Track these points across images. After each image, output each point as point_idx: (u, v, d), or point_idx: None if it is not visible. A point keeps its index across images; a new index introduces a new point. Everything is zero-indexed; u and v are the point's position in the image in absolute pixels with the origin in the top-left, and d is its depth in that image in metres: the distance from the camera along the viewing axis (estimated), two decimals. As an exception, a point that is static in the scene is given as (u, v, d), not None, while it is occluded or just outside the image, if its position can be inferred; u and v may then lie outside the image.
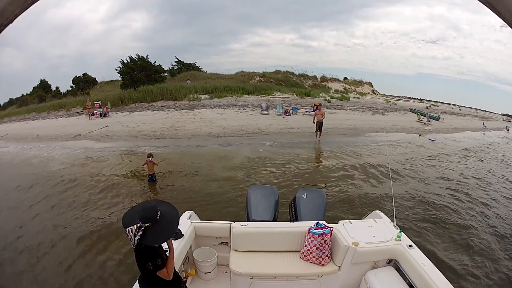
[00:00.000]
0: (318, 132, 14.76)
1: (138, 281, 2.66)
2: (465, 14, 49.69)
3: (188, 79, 29.54)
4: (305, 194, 4.57)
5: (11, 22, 1.16)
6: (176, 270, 2.93)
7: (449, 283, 2.87)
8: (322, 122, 14.64)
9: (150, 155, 8.86)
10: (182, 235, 3.69)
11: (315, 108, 21.70)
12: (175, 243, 3.51)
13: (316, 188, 8.33)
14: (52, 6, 32.36)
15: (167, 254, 2.81)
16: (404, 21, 48.52)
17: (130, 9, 48.53)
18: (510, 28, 1.18)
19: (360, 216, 5.02)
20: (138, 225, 2.29)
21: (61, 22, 37.84)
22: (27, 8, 1.22)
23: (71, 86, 31.88)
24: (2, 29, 1.16)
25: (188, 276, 3.78)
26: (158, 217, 2.35)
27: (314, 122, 14.86)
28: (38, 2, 1.23)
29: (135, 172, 10.07)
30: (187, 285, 3.34)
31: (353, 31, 49.63)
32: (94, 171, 10.41)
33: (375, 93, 39.22)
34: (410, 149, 14.78)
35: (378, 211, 4.34)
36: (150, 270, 2.40)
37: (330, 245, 3.59)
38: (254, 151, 12.57)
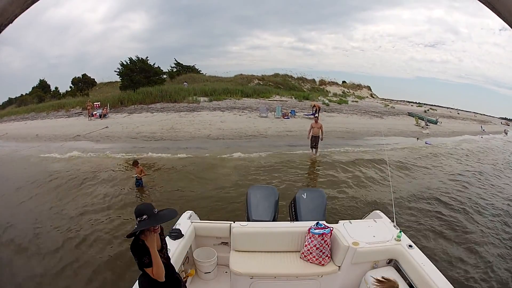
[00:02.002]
0: (314, 149, 12.30)
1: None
2: (464, 17, 50.14)
3: (185, 82, 29.58)
4: (305, 194, 4.57)
5: (11, 22, 1.17)
6: (176, 270, 2.92)
7: (449, 283, 2.87)
8: (319, 136, 11.96)
9: (135, 162, 8.82)
10: (182, 235, 3.68)
11: (314, 110, 21.80)
12: (175, 243, 3.51)
13: (316, 188, 8.36)
14: (51, 6, 32.37)
15: (169, 255, 2.82)
16: (403, 24, 48.75)
17: (129, 9, 48.62)
18: (510, 29, 1.19)
19: (360, 216, 5.03)
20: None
21: (60, 21, 37.81)
22: (27, 8, 1.22)
23: (70, 87, 31.92)
24: (2, 29, 1.16)
25: (188, 276, 3.77)
26: (155, 212, 2.39)
27: (308, 138, 12.15)
28: (38, 1, 1.24)
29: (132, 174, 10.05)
30: (187, 285, 3.33)
31: (351, 35, 49.83)
32: (92, 172, 10.40)
33: (373, 97, 39.38)
34: (408, 152, 14.82)
35: (378, 211, 4.34)
36: (138, 264, 2.41)
37: (330, 245, 3.59)
38: (253, 153, 12.57)
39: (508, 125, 35.39)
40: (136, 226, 2.35)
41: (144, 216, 2.33)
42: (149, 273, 2.41)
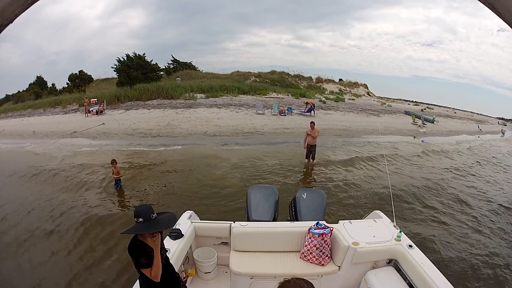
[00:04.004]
0: (311, 159, 10.92)
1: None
2: (462, 17, 50.34)
3: (178, 77, 29.44)
4: (305, 194, 4.57)
5: (11, 22, 1.16)
6: (176, 270, 2.92)
7: (449, 283, 2.89)
8: (315, 145, 10.72)
9: (113, 161, 8.63)
10: (182, 235, 3.67)
11: (309, 107, 21.78)
12: (175, 243, 3.50)
13: (316, 188, 8.36)
14: (50, 3, 32.07)
15: (167, 255, 2.81)
16: (401, 23, 48.81)
17: (127, 6, 48.36)
18: (510, 29, 1.18)
19: (360, 216, 5.04)
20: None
21: (59, 18, 37.53)
22: (27, 8, 1.21)
23: (67, 83, 31.69)
24: (2, 29, 1.15)
25: (188, 276, 3.76)
26: (152, 217, 2.36)
27: (305, 148, 10.80)
28: (38, 1, 1.22)
29: (129, 170, 10.05)
30: (187, 285, 3.32)
31: (348, 33, 49.93)
32: (89, 169, 10.31)
33: (370, 95, 39.45)
34: (406, 151, 14.87)
35: (378, 211, 4.35)
36: (135, 265, 2.40)
37: (330, 245, 3.59)
38: (250, 151, 12.57)
39: (505, 125, 35.58)
40: (133, 226, 2.35)
41: (140, 219, 2.31)
42: (146, 273, 2.39)
